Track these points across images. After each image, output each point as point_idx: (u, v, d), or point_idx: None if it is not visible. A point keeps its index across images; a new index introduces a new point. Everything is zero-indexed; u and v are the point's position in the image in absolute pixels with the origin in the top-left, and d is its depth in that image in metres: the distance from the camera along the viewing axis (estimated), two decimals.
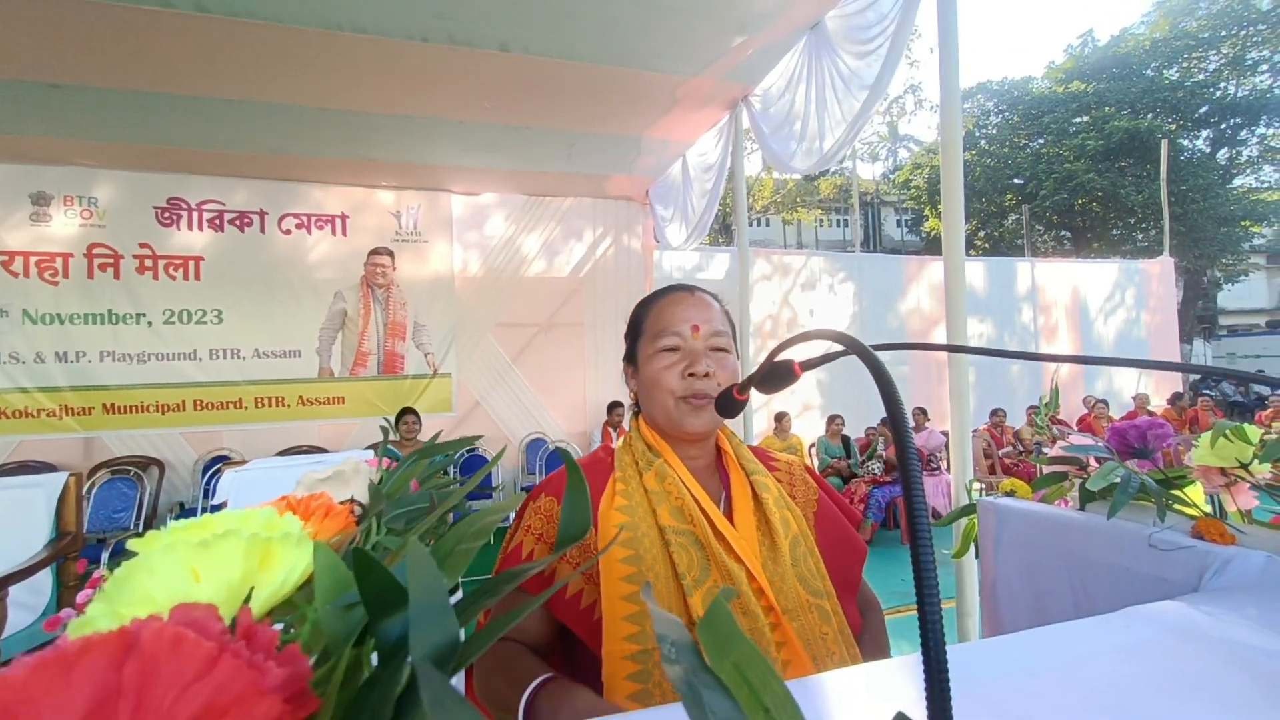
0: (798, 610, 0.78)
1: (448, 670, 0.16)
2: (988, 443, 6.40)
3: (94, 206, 4.44)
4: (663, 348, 0.86)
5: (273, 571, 0.26)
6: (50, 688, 0.15)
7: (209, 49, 2.90)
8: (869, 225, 25.41)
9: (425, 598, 0.18)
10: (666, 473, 0.83)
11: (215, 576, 0.25)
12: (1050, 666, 0.60)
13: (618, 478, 0.85)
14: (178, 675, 0.16)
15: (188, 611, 0.18)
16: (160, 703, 0.16)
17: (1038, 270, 8.40)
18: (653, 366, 0.86)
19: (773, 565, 0.79)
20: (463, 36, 2.91)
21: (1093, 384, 8.42)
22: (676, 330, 0.86)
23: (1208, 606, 0.71)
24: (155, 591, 0.24)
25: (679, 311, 0.87)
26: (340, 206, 5.01)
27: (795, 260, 7.16)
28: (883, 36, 2.58)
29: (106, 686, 0.16)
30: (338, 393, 5.00)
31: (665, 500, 0.81)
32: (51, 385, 4.34)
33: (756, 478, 0.87)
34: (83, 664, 0.16)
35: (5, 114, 3.49)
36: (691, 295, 0.90)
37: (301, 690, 0.18)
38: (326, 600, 0.23)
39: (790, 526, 0.84)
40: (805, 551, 0.83)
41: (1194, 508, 0.87)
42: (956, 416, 1.90)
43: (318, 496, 0.37)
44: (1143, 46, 17.47)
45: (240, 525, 0.26)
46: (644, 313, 0.93)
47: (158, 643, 0.16)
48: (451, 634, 0.18)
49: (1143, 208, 16.17)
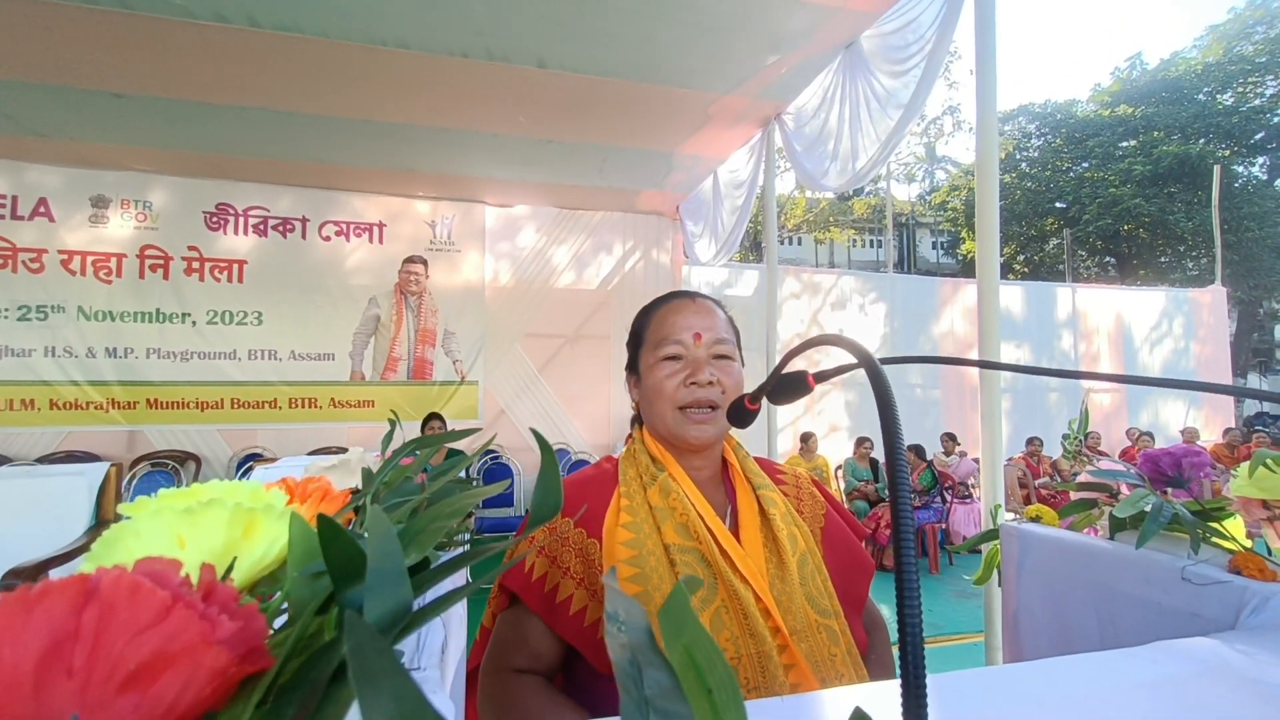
0: (806, 631, 0.75)
1: (395, 631, 0.16)
2: (1023, 472, 6.19)
3: (148, 210, 4.65)
4: (664, 356, 0.84)
5: (255, 542, 0.27)
6: (10, 624, 0.16)
7: (260, 62, 3.04)
8: (903, 246, 25.05)
9: (382, 562, 0.18)
10: (671, 487, 0.81)
11: (199, 543, 0.26)
12: (1066, 698, 0.57)
13: (622, 492, 0.83)
14: (132, 621, 0.16)
15: (150, 564, 0.19)
16: (113, 646, 0.16)
17: (1079, 296, 8.16)
18: (654, 375, 0.84)
19: (780, 584, 0.77)
20: (501, 53, 2.99)
21: (1137, 415, 8.10)
22: (678, 338, 0.83)
23: (1243, 645, 0.66)
24: (140, 554, 0.25)
25: (681, 319, 0.85)
26: (378, 215, 5.16)
27: (825, 279, 7.09)
28: (919, 56, 2.56)
29: (65, 628, 0.16)
30: (368, 396, 5.10)
31: (670, 517, 0.79)
32: (100, 379, 4.53)
33: (763, 492, 0.85)
34: (43, 605, 0.16)
35: (73, 121, 3.71)
36: (693, 302, 0.87)
37: (255, 647, 0.18)
38: (297, 567, 0.23)
39: (798, 544, 0.82)
40: (813, 569, 0.81)
41: (1233, 541, 0.83)
42: (988, 440, 1.85)
43: (316, 479, 0.37)
44: (1194, 70, 16.98)
45: (225, 495, 0.27)
46: (645, 320, 0.90)
47: (116, 589, 0.17)
48: (404, 598, 0.18)
49: (1193, 235, 15.61)
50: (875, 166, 2.97)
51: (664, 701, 0.16)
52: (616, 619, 0.19)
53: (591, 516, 0.80)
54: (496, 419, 5.44)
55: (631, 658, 0.17)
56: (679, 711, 0.16)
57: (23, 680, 0.16)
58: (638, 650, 0.18)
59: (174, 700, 0.16)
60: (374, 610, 0.17)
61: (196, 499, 0.27)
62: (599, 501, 0.82)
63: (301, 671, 0.18)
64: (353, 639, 0.13)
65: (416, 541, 0.26)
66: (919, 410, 7.15)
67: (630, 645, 0.18)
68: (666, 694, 0.16)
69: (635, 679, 0.16)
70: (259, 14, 2.68)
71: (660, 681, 0.16)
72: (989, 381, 1.88)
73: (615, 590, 0.21)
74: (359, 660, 0.12)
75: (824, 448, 6.35)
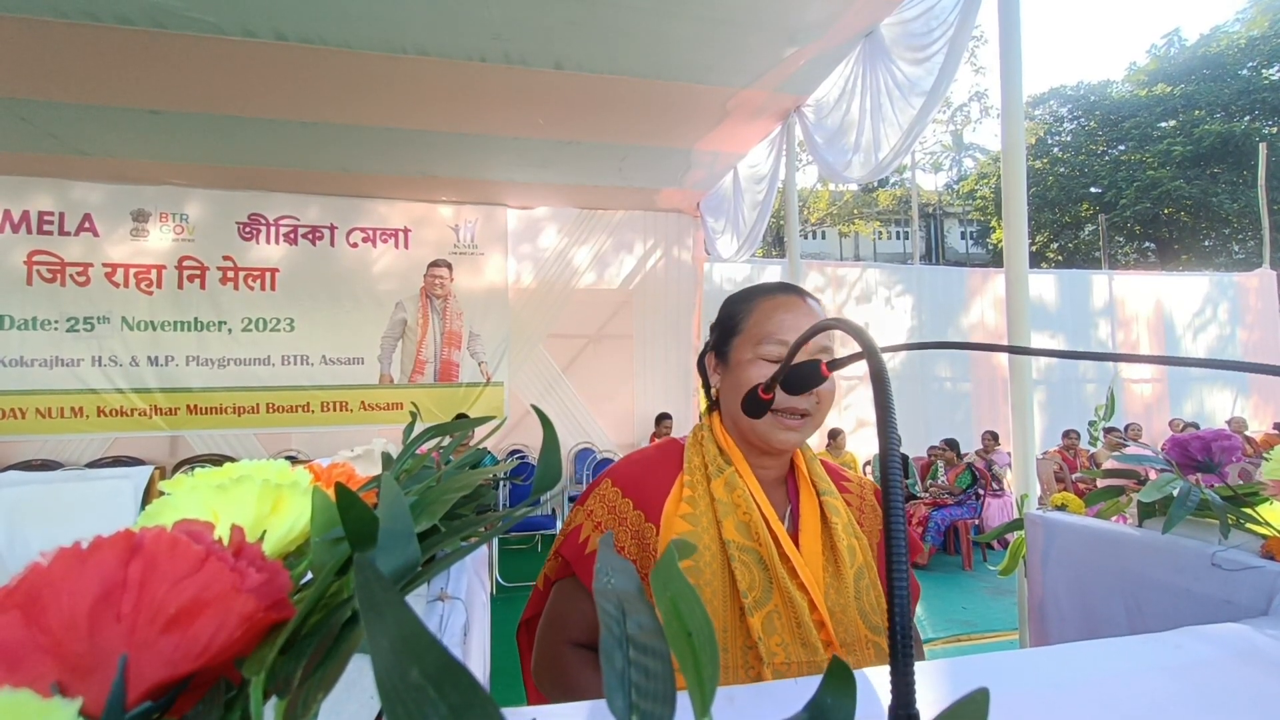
0: (855, 645, 0.74)
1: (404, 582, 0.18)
2: (1059, 465, 6.03)
3: (185, 222, 4.82)
4: (765, 356, 0.79)
5: (283, 516, 0.29)
6: (66, 575, 0.18)
7: (287, 75, 3.13)
8: (931, 237, 24.57)
9: (392, 523, 0.20)
10: (736, 483, 0.79)
11: (232, 516, 0.28)
12: (1089, 682, 0.57)
13: (686, 481, 0.81)
14: (171, 571, 0.18)
15: (187, 524, 0.21)
16: (155, 593, 0.18)
17: (1116, 283, 7.90)
18: (751, 371, 0.79)
19: (835, 594, 0.76)
20: (518, 56, 3.03)
21: (1180, 406, 7.80)
22: (784, 339, 0.79)
23: (1275, 630, 0.65)
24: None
25: (790, 319, 0.80)
26: (403, 221, 5.27)
27: (850, 272, 7.00)
28: (941, 41, 2.52)
29: (114, 578, 0.18)
30: (397, 399, 5.21)
31: (732, 513, 0.77)
32: (144, 387, 4.72)
33: (827, 499, 0.82)
34: (94, 559, 0.19)
35: (112, 139, 3.87)
36: (803, 302, 0.83)
37: (279, 599, 0.20)
38: (319, 533, 0.25)
39: (856, 556, 0.80)
40: (869, 584, 0.79)
41: (1268, 527, 0.80)
42: (1019, 431, 1.81)
43: (340, 465, 0.40)
44: (1237, 45, 16.31)
45: (254, 473, 0.29)
46: (746, 309, 0.85)
47: (157, 544, 0.19)
48: (413, 555, 0.20)
49: (1238, 217, 15.00)
50: (899, 156, 2.93)
51: (644, 638, 0.17)
52: (606, 573, 0.20)
53: (651, 500, 0.80)
54: (522, 419, 5.50)
55: (618, 604, 0.19)
56: (657, 648, 0.17)
57: (79, 623, 0.18)
58: (624, 599, 0.19)
59: (208, 641, 0.18)
60: (385, 565, 0.19)
61: (228, 476, 0.29)
62: (660, 485, 0.81)
63: (321, 622, 0.19)
64: (360, 576, 0.14)
65: (427, 510, 0.28)
66: (949, 403, 7.01)
67: (618, 594, 0.19)
68: (648, 633, 0.17)
69: (619, 620, 0.17)
70: (285, 28, 2.76)
71: (644, 624, 0.18)
72: (1019, 371, 1.84)
73: (609, 549, 0.22)
74: (365, 594, 0.14)
75: (852, 444, 6.28)
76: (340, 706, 0.27)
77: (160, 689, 0.18)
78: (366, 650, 0.15)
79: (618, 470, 0.85)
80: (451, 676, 0.12)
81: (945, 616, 4.00)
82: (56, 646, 0.18)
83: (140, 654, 0.18)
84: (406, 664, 0.13)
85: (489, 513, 0.49)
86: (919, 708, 0.25)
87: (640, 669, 0.15)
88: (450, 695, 0.12)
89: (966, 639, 3.61)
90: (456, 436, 0.46)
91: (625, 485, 0.83)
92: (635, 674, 0.15)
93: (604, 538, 0.23)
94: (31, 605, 0.18)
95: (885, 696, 0.25)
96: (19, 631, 0.17)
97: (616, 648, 0.16)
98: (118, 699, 0.17)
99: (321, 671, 0.18)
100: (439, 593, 0.50)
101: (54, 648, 0.18)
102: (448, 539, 0.24)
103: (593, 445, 5.66)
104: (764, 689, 0.55)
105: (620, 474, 0.84)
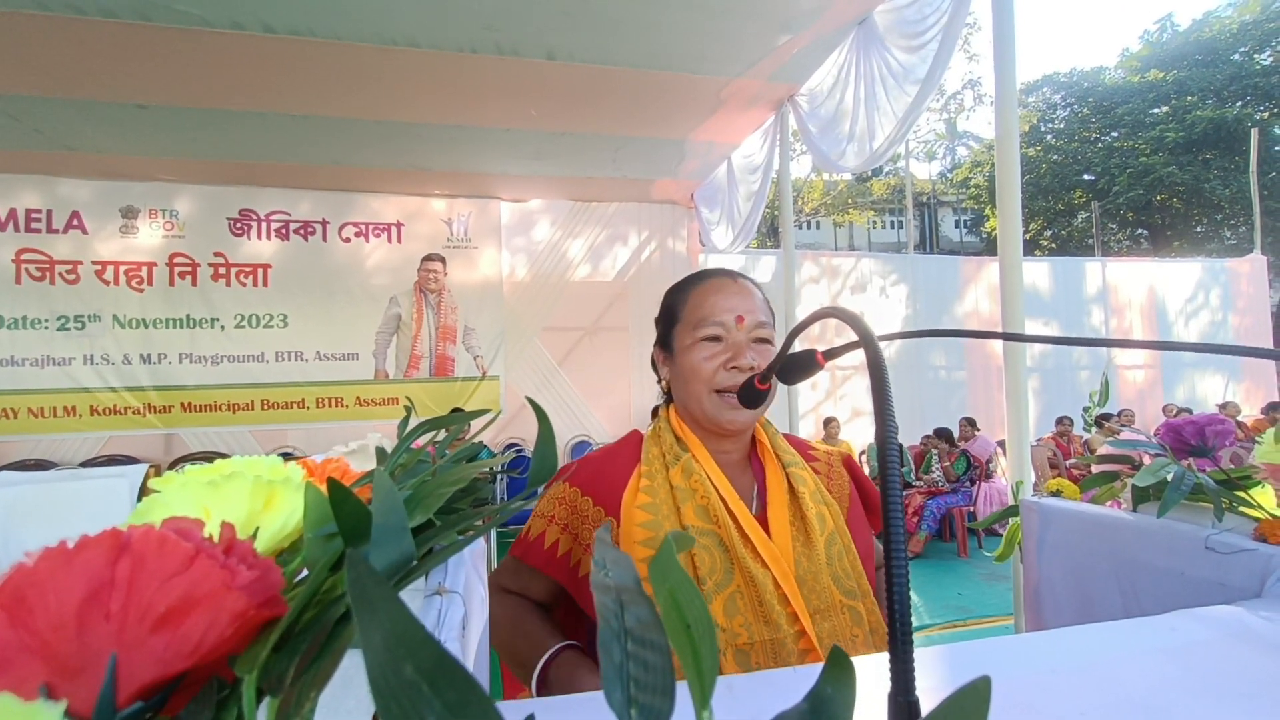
0: (829, 610, 0.75)
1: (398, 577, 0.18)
2: (1053, 452, 6.07)
3: (175, 218, 4.78)
4: (704, 337, 0.81)
5: (275, 513, 0.29)
6: (53, 575, 0.18)
7: (276, 67, 3.09)
8: (925, 226, 24.57)
9: (385, 518, 0.20)
10: (693, 468, 0.80)
11: (223, 513, 0.27)
12: (1085, 665, 0.57)
13: (643, 471, 0.82)
14: (160, 570, 0.18)
15: (176, 521, 0.20)
16: (144, 592, 0.18)
17: (1109, 270, 7.93)
18: (692, 357, 0.82)
19: (806, 562, 0.76)
20: (510, 46, 3.00)
21: (1173, 391, 7.86)
22: (719, 320, 0.81)
23: (1267, 611, 0.66)
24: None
25: (722, 300, 0.82)
26: (396, 215, 5.23)
27: (844, 262, 7.00)
28: (935, 29, 2.51)
29: (101, 577, 0.18)
30: (392, 394, 5.19)
31: (691, 498, 0.78)
32: (137, 385, 4.68)
33: (793, 470, 0.83)
34: (82, 557, 0.18)
35: (99, 134, 3.82)
36: (735, 282, 0.85)
37: (272, 596, 0.20)
38: (312, 529, 0.25)
39: (826, 522, 0.80)
40: (841, 549, 0.80)
41: (1259, 509, 0.81)
42: (1013, 418, 1.82)
43: (334, 460, 0.39)
44: (1229, 30, 16.31)
45: (246, 469, 0.29)
46: (682, 297, 0.87)
47: (145, 542, 0.19)
48: (407, 550, 0.19)
49: (1230, 202, 15.05)
50: (893, 145, 2.93)
51: (643, 631, 0.17)
52: (603, 566, 0.20)
53: (608, 494, 0.81)
54: (518, 413, 5.50)
55: (616, 597, 0.18)
56: (656, 641, 0.17)
57: (67, 623, 0.18)
58: (623, 592, 0.19)
59: (199, 640, 0.18)
60: (379, 559, 0.19)
61: (219, 473, 0.29)
62: (617, 479, 0.82)
63: (314, 619, 0.19)
64: (352, 571, 0.14)
65: (422, 504, 0.27)
66: (944, 391, 7.05)
67: (616, 587, 0.19)
68: (647, 626, 0.17)
69: (617, 613, 0.17)
70: (273, 20, 2.72)
71: (642, 617, 0.18)
72: (1013, 358, 1.85)
73: (605, 542, 0.22)
74: (357, 589, 0.14)
75: (847, 432, 6.30)
76: (337, 703, 0.27)
77: (151, 688, 0.18)
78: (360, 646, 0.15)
79: (574, 472, 0.86)
80: (446, 673, 0.12)
81: (941, 602, 4.04)
82: (44, 647, 0.17)
83: (130, 653, 0.17)
84: (400, 660, 0.12)
85: (485, 506, 0.48)
86: (917, 694, 0.25)
87: (639, 662, 0.15)
88: (445, 692, 0.12)
89: (963, 624, 3.64)
90: (452, 430, 0.46)
91: (583, 484, 0.84)
92: (634, 667, 0.15)
93: (600, 530, 0.23)
94: (17, 606, 0.17)
95: (885, 683, 0.25)
96: (4, 633, 0.17)
97: (615, 641, 0.16)
98: (108, 699, 0.17)
99: (315, 669, 0.17)
100: (437, 587, 0.50)
101: (41, 649, 0.17)
102: (443, 533, 0.24)
103: (589, 438, 5.66)
104: (763, 678, 0.55)
105: (577, 475, 0.86)
